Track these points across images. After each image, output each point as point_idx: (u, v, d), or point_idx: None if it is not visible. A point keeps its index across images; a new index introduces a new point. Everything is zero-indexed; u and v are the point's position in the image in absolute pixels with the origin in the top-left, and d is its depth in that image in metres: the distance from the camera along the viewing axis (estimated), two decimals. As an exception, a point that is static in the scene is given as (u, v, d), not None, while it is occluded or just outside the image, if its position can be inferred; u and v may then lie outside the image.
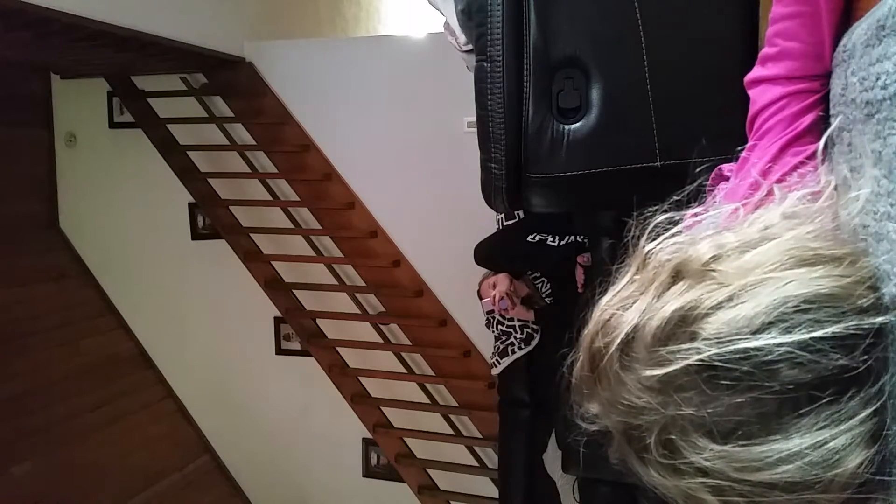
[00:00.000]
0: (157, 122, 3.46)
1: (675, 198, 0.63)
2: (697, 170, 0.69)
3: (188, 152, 3.45)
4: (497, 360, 2.56)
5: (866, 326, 0.47)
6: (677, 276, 0.53)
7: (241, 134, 3.42)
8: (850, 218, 0.51)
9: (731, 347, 0.48)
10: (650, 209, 0.61)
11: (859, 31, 0.54)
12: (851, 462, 0.46)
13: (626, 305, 0.55)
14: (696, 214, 0.61)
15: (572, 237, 2.17)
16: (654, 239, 0.58)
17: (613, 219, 1.77)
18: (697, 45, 1.11)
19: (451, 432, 3.25)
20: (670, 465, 0.52)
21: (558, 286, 2.41)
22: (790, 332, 0.46)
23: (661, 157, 1.07)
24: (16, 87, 3.53)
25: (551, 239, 2.17)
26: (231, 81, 3.36)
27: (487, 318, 2.59)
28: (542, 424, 2.55)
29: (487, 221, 2.40)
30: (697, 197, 0.66)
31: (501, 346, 2.53)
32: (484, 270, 2.47)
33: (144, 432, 3.57)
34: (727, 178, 0.72)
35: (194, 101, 3.40)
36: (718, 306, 0.49)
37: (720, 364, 0.48)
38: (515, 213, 2.30)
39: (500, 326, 2.53)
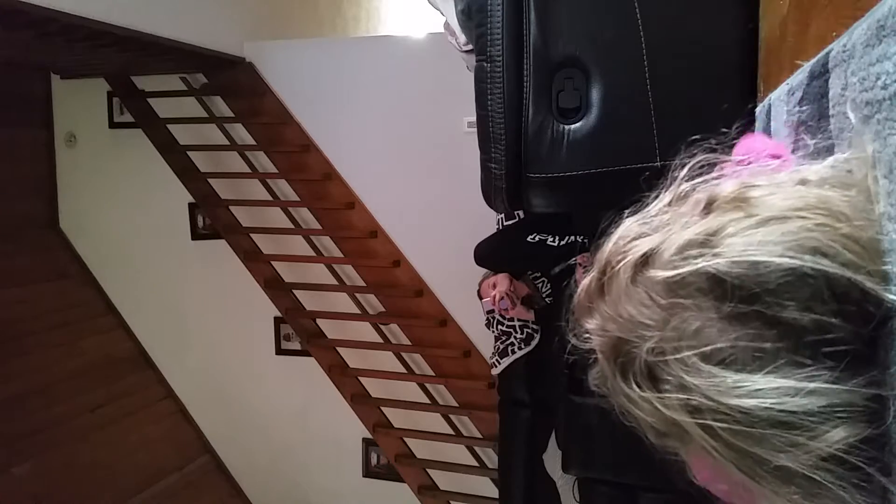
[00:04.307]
0: (157, 122, 3.46)
1: (717, 141, 0.64)
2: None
3: (188, 152, 3.45)
4: (497, 360, 2.56)
5: (874, 300, 0.47)
6: (708, 209, 0.53)
7: (241, 134, 3.42)
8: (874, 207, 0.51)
9: (744, 260, 0.48)
10: (698, 142, 0.61)
11: (859, 31, 0.54)
12: (840, 427, 0.46)
13: (653, 229, 0.56)
14: (737, 163, 0.62)
15: (572, 237, 2.16)
16: (693, 178, 0.58)
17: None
18: (697, 45, 1.11)
19: (451, 432, 3.25)
20: (653, 376, 0.52)
21: (558, 286, 2.41)
22: (804, 262, 0.47)
23: (661, 156, 1.07)
24: (16, 87, 3.53)
25: (551, 239, 2.16)
26: (231, 81, 3.36)
27: (487, 318, 2.59)
28: (542, 424, 2.55)
29: (487, 221, 2.40)
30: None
31: (501, 346, 2.53)
32: (484, 270, 2.48)
33: (144, 432, 3.57)
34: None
35: (194, 101, 3.40)
36: (742, 230, 0.50)
37: (729, 277, 0.48)
38: (515, 213, 2.30)
39: (500, 326, 2.53)
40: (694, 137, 0.62)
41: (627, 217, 0.60)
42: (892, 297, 0.47)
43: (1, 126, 3.39)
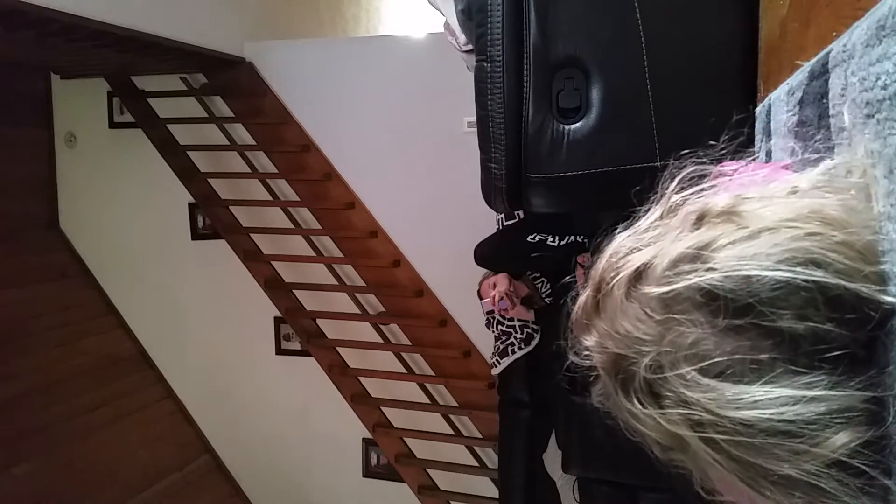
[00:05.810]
0: (157, 122, 3.46)
1: (710, 152, 0.64)
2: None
3: (188, 152, 3.45)
4: (497, 360, 2.56)
5: (872, 305, 0.47)
6: (699, 222, 0.53)
7: (241, 134, 3.42)
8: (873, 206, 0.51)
9: (736, 274, 0.48)
10: (687, 156, 0.61)
11: (859, 31, 0.54)
12: (841, 432, 0.46)
13: (645, 244, 0.56)
14: (724, 174, 0.62)
15: (572, 237, 2.16)
16: (683, 190, 0.59)
17: (613, 219, 1.77)
18: (697, 45, 1.11)
19: (451, 432, 3.25)
20: (653, 392, 0.52)
21: (558, 286, 2.41)
22: (796, 274, 0.47)
23: (661, 156, 1.07)
24: (16, 87, 3.53)
25: (551, 239, 2.16)
26: (231, 81, 3.36)
27: (487, 318, 2.59)
28: (542, 424, 2.55)
29: (487, 221, 2.40)
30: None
31: (501, 346, 2.53)
32: (484, 270, 2.48)
33: (144, 432, 3.57)
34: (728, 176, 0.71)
35: (194, 101, 3.40)
36: (733, 243, 0.50)
37: (723, 291, 0.48)
38: (515, 213, 2.30)
39: (500, 326, 2.53)
40: (684, 151, 0.62)
41: (619, 232, 0.60)
42: (889, 298, 0.47)
43: (1, 126, 3.39)
